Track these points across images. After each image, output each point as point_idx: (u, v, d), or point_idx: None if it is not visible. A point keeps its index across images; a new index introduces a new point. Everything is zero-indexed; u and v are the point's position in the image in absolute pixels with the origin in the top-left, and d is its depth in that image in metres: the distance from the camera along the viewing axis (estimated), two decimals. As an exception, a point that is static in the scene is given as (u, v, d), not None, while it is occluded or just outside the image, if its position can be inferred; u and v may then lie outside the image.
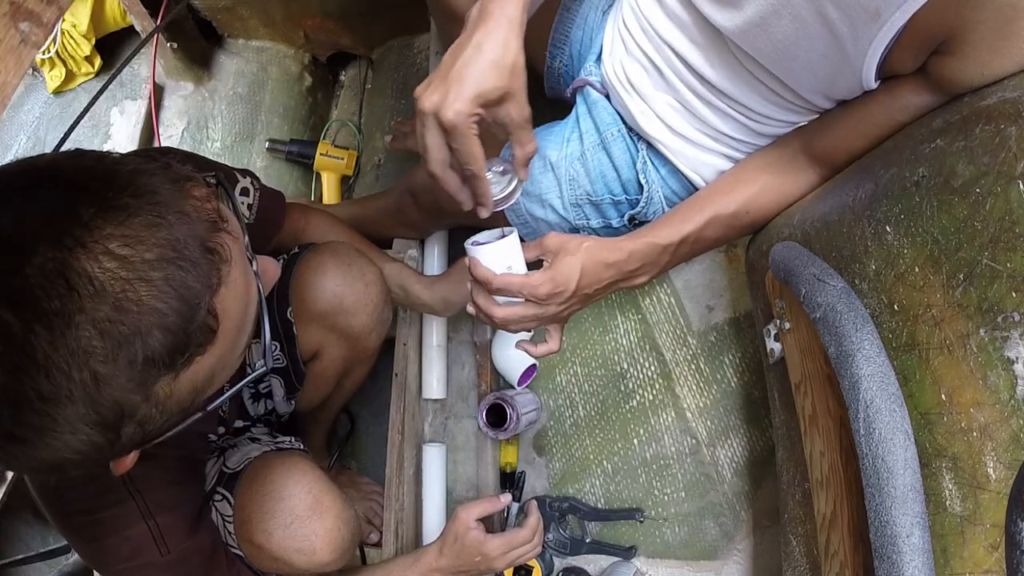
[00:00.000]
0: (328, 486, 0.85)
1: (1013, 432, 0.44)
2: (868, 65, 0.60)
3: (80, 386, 0.39)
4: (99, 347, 0.39)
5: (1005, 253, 0.46)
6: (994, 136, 0.48)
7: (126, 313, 0.40)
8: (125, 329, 0.40)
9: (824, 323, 0.59)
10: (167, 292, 0.41)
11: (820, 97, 0.69)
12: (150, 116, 1.60)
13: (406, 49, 1.53)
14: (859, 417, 0.52)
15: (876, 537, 0.50)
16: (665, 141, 0.84)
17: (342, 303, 0.92)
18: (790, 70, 0.67)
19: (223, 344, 0.47)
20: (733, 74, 0.74)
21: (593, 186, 0.90)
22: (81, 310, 0.38)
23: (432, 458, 1.16)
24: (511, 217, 0.96)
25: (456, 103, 0.60)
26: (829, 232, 0.65)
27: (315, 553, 0.81)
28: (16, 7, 0.41)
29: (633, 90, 0.85)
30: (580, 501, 1.12)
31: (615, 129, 0.89)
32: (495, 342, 1.15)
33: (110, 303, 0.39)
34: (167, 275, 0.41)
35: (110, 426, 0.42)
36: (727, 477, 1.06)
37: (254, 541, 0.80)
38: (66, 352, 0.39)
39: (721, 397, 1.08)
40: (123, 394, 0.41)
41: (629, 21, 0.84)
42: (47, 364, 0.38)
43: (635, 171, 0.89)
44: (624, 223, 0.93)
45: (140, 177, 0.43)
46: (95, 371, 0.39)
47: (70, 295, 0.38)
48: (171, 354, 0.42)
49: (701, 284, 1.12)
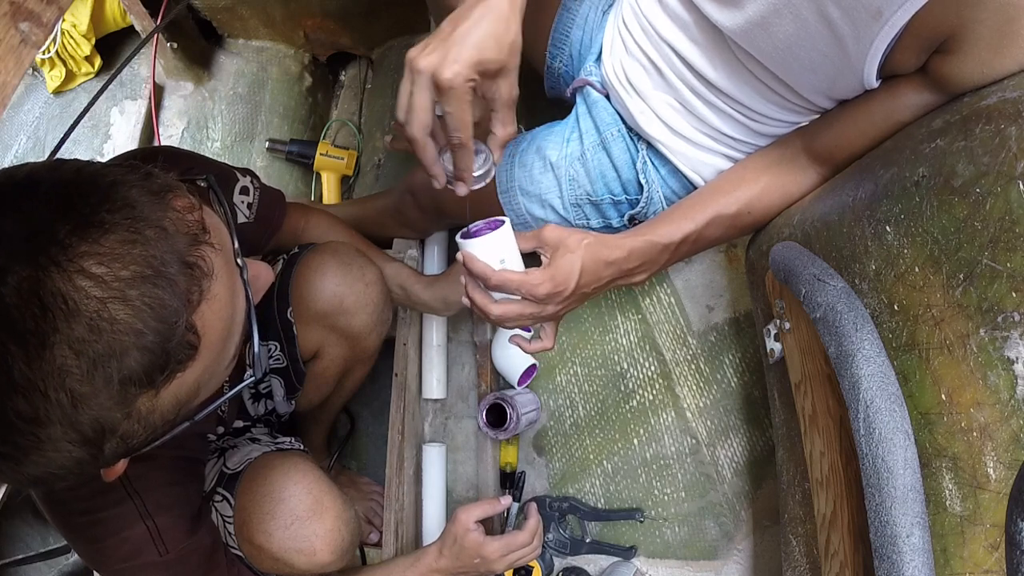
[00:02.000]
0: (328, 487, 0.85)
1: (1013, 432, 0.44)
2: (870, 64, 0.60)
3: (58, 406, 0.39)
4: (75, 367, 0.39)
5: (1005, 253, 0.46)
6: (994, 136, 0.48)
7: (101, 333, 0.39)
8: (101, 348, 0.39)
9: (824, 323, 0.59)
10: (144, 311, 0.40)
11: (821, 97, 0.69)
12: (150, 116, 1.60)
13: (406, 49, 1.51)
14: (859, 417, 0.52)
15: (876, 537, 0.50)
16: (665, 141, 0.84)
17: (343, 303, 0.92)
18: (791, 69, 0.67)
19: (206, 358, 0.46)
20: (734, 74, 0.73)
21: (593, 186, 0.90)
22: (56, 330, 0.38)
23: (432, 458, 1.16)
24: (511, 216, 0.96)
25: (456, 64, 0.59)
26: (829, 232, 0.65)
27: (315, 554, 0.81)
28: (16, 7, 0.41)
29: (633, 90, 0.85)
30: (580, 501, 1.12)
31: (615, 129, 0.89)
32: (495, 342, 1.15)
33: (84, 323, 0.39)
34: (143, 293, 0.40)
35: (92, 442, 0.42)
36: (727, 477, 1.06)
37: (254, 542, 0.80)
38: (42, 372, 0.38)
39: (721, 397, 1.08)
40: (102, 412, 0.41)
41: (629, 21, 0.84)
42: (24, 384, 0.38)
43: (635, 171, 0.89)
44: (624, 223, 0.93)
45: (118, 190, 0.42)
46: (72, 390, 0.39)
47: (44, 315, 0.38)
48: (149, 372, 0.42)
49: (701, 284, 1.12)
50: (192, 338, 0.44)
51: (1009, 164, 0.46)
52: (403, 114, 0.63)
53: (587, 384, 1.16)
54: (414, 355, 1.19)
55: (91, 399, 0.40)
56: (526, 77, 1.13)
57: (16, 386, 0.38)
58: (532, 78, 1.08)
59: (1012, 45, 0.52)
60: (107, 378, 0.40)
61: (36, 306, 0.38)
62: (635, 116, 0.85)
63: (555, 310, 0.74)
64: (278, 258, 0.95)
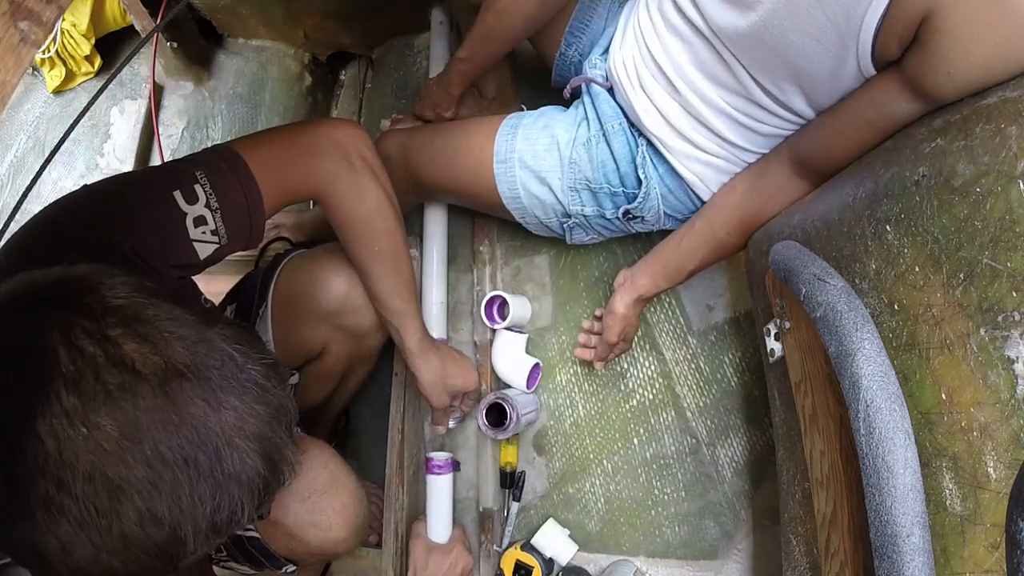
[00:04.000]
0: (342, 463, 0.85)
1: (1013, 432, 0.44)
2: (863, 48, 0.61)
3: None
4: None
5: (1005, 253, 0.46)
6: (994, 135, 0.48)
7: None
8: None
9: (824, 322, 0.58)
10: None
11: (824, 94, 0.69)
12: (150, 115, 1.60)
13: (406, 48, 1.53)
14: (859, 416, 0.52)
15: (876, 536, 0.50)
16: (666, 140, 0.85)
17: (351, 302, 0.93)
18: (793, 65, 0.67)
19: None
20: (735, 80, 0.75)
21: (594, 173, 0.91)
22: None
23: (440, 487, 1.10)
24: (504, 190, 0.96)
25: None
26: (829, 231, 0.65)
27: (331, 528, 0.81)
28: (15, 6, 0.41)
29: (641, 89, 0.85)
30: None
31: (616, 122, 0.89)
32: (495, 353, 1.15)
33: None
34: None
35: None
36: (727, 477, 1.06)
37: (270, 517, 0.80)
38: None
39: (721, 396, 1.08)
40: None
41: (644, 21, 0.85)
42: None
43: (634, 165, 0.89)
44: (618, 216, 0.93)
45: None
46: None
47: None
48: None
49: (701, 284, 1.12)
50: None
51: (1009, 163, 0.46)
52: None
53: (587, 383, 1.16)
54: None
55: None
56: (534, 64, 1.13)
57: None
58: (540, 66, 1.09)
59: (977, 43, 0.52)
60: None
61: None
62: (639, 114, 0.85)
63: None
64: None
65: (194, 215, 0.67)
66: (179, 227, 0.67)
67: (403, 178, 1.04)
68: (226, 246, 0.72)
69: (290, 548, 0.82)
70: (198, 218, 0.68)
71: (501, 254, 1.25)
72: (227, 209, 0.70)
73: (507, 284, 1.24)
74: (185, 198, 0.67)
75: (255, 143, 0.75)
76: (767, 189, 0.80)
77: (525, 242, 1.23)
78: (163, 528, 0.40)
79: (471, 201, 1.07)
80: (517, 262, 1.23)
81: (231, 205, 0.70)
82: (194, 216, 0.67)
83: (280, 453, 0.44)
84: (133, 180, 0.70)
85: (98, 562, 0.39)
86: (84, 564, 0.39)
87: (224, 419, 0.41)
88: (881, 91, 0.63)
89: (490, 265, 1.22)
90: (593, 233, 1.00)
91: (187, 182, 0.67)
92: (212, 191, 0.68)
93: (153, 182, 0.68)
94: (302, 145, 0.78)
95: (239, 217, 0.71)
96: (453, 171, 1.00)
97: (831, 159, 0.71)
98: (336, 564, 1.16)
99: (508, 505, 1.13)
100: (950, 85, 0.55)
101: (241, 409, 0.42)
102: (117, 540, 0.39)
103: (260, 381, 0.44)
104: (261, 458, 0.43)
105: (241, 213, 0.71)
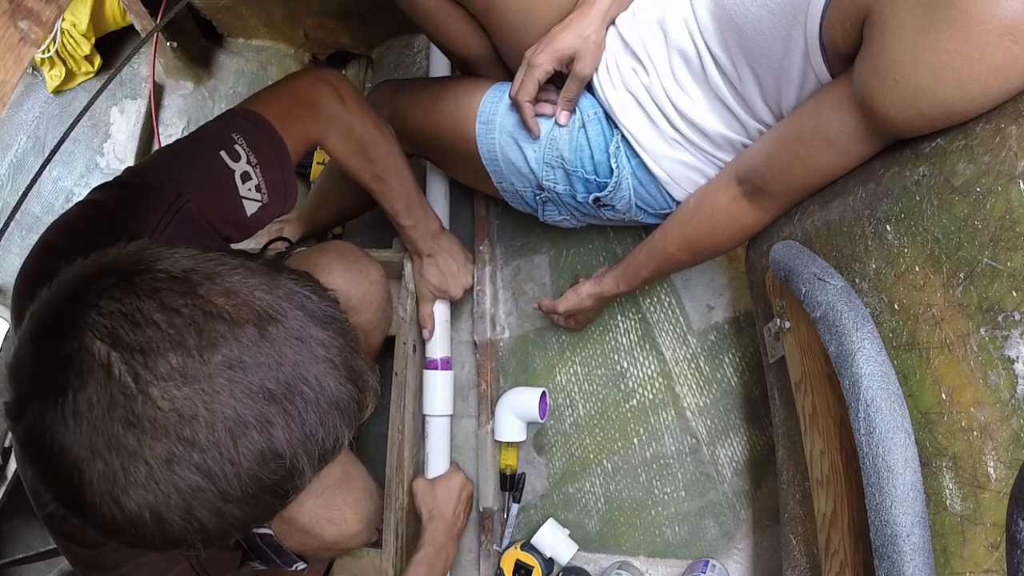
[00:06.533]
0: (353, 458, 0.86)
1: (1013, 431, 0.44)
2: (811, 24, 0.60)
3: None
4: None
5: (1005, 252, 0.46)
6: (994, 135, 0.48)
7: None
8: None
9: (824, 322, 0.59)
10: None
11: (776, 88, 0.70)
12: (150, 115, 1.60)
13: (406, 48, 1.52)
14: (859, 416, 0.52)
15: (876, 536, 0.50)
16: (637, 135, 0.85)
17: (349, 301, 0.93)
18: (744, 34, 0.68)
19: None
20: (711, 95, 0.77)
21: (571, 155, 0.91)
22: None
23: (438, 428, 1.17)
24: (483, 152, 0.96)
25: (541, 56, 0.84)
26: (829, 231, 0.65)
27: (345, 522, 0.82)
28: (15, 5, 0.41)
29: (621, 84, 0.86)
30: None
31: (592, 112, 0.90)
32: (500, 402, 1.14)
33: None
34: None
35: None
36: (727, 476, 1.06)
37: (284, 514, 0.80)
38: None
39: (721, 396, 1.08)
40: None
41: (626, 18, 0.85)
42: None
43: (607, 155, 0.89)
44: (588, 201, 0.93)
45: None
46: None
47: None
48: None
49: (701, 283, 1.12)
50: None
51: (1009, 163, 0.46)
52: (515, 91, 0.88)
53: (587, 383, 1.16)
54: (414, 354, 1.19)
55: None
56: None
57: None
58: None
59: (928, 44, 0.48)
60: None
61: None
62: (615, 109, 0.86)
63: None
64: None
65: (240, 171, 0.72)
66: (231, 184, 0.71)
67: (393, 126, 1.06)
68: (267, 205, 0.76)
69: (304, 544, 0.83)
70: (244, 174, 0.72)
71: (501, 254, 1.25)
72: (265, 164, 0.74)
73: (507, 284, 1.24)
74: (230, 156, 0.71)
75: (265, 102, 0.79)
76: (710, 209, 0.81)
77: (525, 242, 1.23)
78: (284, 461, 0.42)
79: (453, 158, 1.06)
80: (517, 262, 1.23)
81: (267, 160, 0.75)
82: (240, 172, 0.72)
83: (363, 379, 0.47)
84: (177, 148, 0.73)
85: (220, 514, 0.41)
86: (207, 517, 0.41)
87: (316, 352, 0.44)
88: (827, 110, 0.61)
89: (490, 265, 1.22)
90: (565, 213, 1.00)
91: (228, 143, 0.71)
92: (250, 148, 0.73)
93: (198, 145, 0.72)
94: (302, 97, 0.83)
95: (275, 173, 0.76)
96: (434, 114, 1.01)
97: (779, 177, 0.70)
98: (336, 564, 1.16)
99: (508, 506, 1.13)
100: (896, 95, 0.51)
101: (327, 342, 0.44)
102: (244, 483, 0.41)
103: (335, 315, 0.47)
104: (352, 383, 0.45)
105: (275, 169, 0.76)
